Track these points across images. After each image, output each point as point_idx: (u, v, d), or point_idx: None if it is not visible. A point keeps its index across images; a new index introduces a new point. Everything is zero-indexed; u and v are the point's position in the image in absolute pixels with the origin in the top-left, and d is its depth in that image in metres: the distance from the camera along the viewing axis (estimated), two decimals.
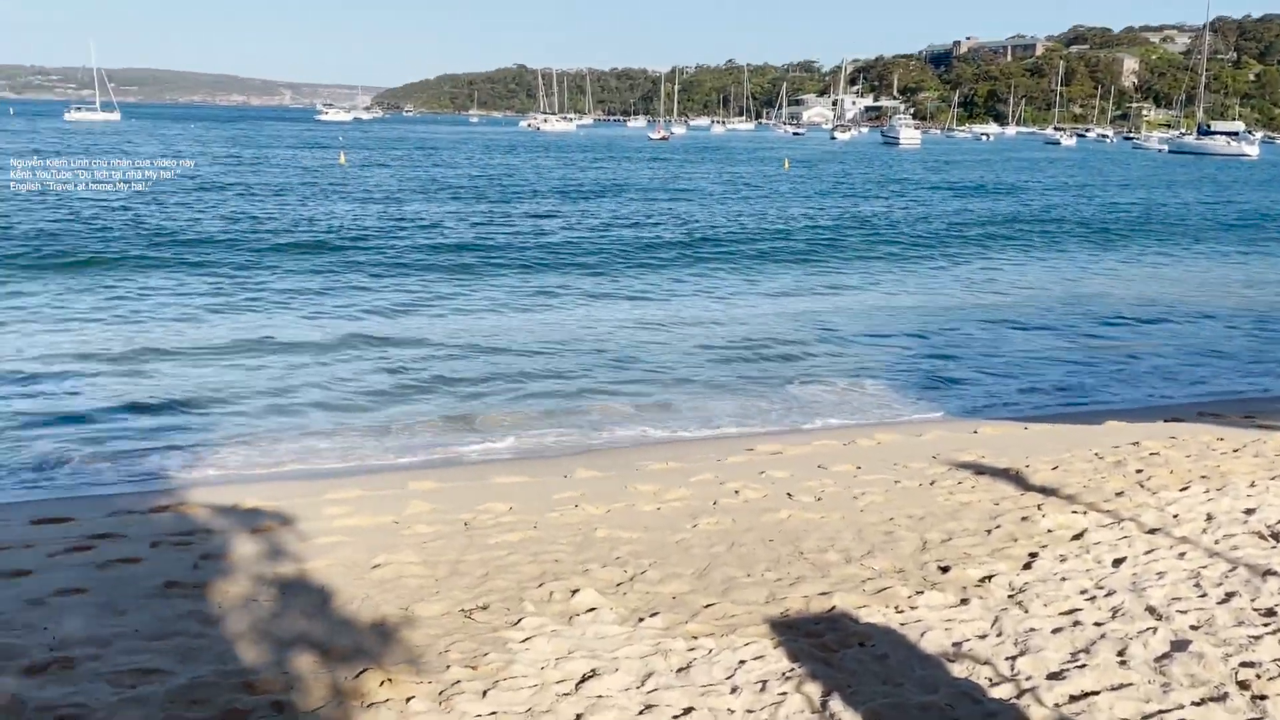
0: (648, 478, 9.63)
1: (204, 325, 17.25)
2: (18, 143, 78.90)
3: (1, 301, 18.63)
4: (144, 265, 23.01)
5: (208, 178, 49.81)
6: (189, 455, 10.88)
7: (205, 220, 31.91)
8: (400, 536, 7.78)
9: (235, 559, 7.24)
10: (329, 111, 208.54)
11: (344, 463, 10.75)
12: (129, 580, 6.69)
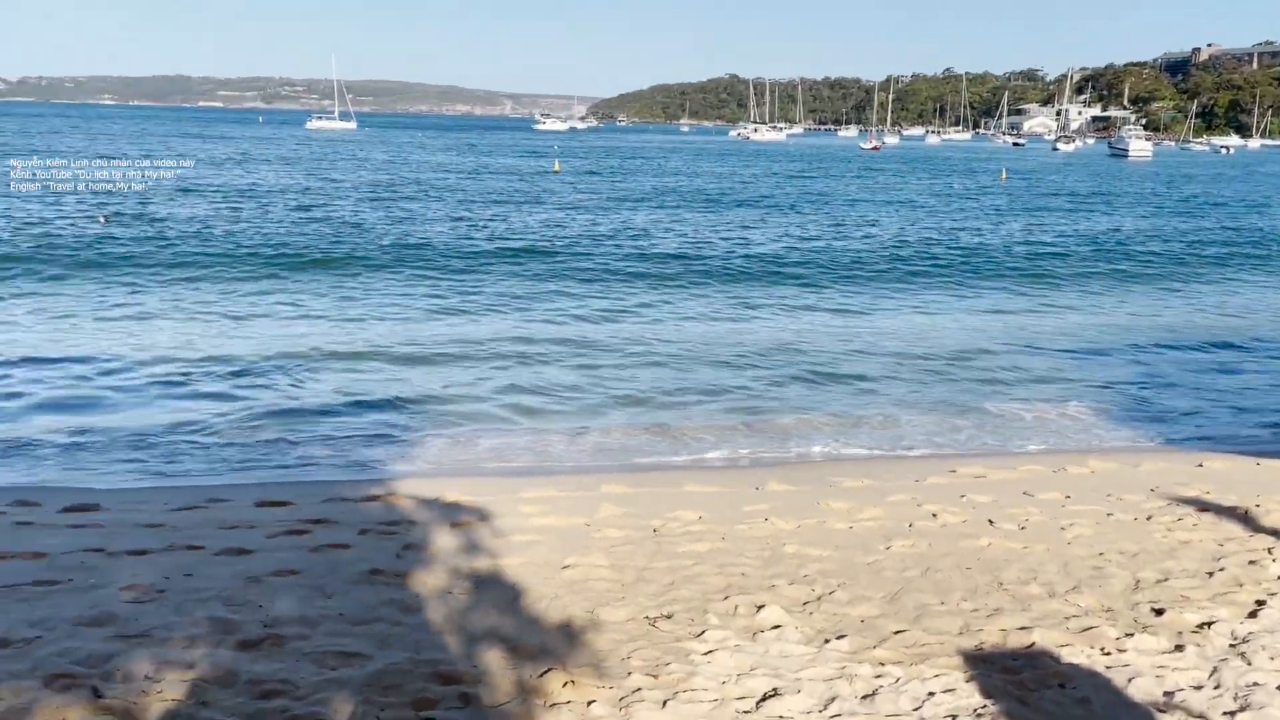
0: (841, 495, 9.42)
1: (421, 326, 18.13)
2: (265, 150, 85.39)
3: (242, 299, 20.20)
4: (370, 267, 24.42)
5: (431, 183, 52.48)
6: (399, 448, 11.43)
7: (428, 225, 33.59)
8: (591, 539, 7.90)
9: (435, 551, 7.53)
10: (546, 121, 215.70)
11: (540, 462, 11.03)
12: (338, 565, 7.07)
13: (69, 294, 20.01)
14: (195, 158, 65.93)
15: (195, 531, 7.84)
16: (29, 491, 9.19)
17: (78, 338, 16.28)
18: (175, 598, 6.31)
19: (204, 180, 50.78)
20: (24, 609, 6.08)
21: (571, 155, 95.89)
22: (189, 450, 11.20)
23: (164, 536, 7.65)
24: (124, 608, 6.13)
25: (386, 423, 12.34)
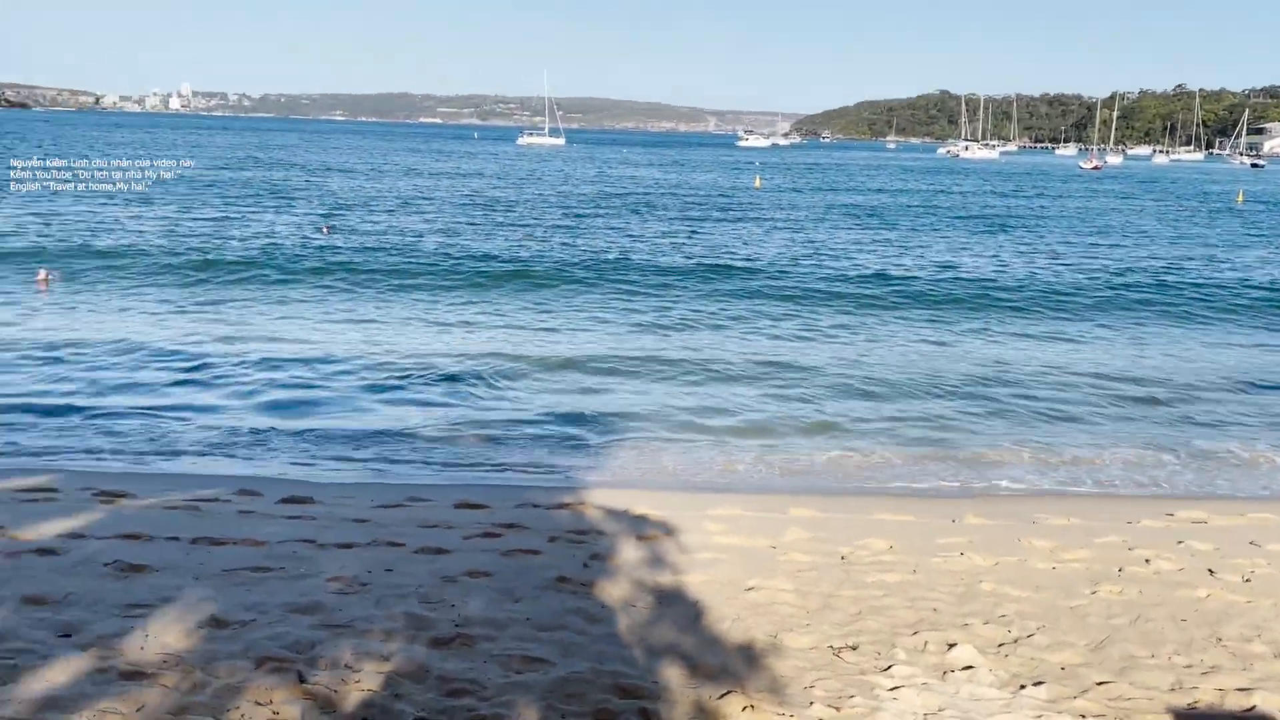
0: (1044, 533, 8.95)
1: (616, 339, 18.44)
2: (478, 164, 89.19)
3: (449, 307, 21.15)
4: (570, 280, 25.06)
5: (632, 198, 53.44)
6: (590, 458, 11.64)
7: (628, 240, 34.23)
8: (776, 562, 7.80)
9: (620, 562, 7.61)
10: (748, 137, 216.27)
11: (727, 480, 10.99)
12: (527, 570, 7.25)
13: (296, 298, 21.44)
14: (392, 168, 69.36)
15: (397, 528, 8.21)
16: (252, 482, 9.87)
17: (303, 339, 17.41)
18: (376, 591, 6.62)
19: (420, 193, 53.49)
20: (241, 592, 6.52)
21: (773, 171, 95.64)
22: (395, 450, 11.76)
23: (369, 531, 8.05)
24: (330, 598, 6.48)
25: (578, 432, 12.60)
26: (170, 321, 18.66)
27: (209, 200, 44.61)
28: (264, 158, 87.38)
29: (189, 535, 7.61)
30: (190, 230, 32.50)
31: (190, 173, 63.67)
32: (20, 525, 7.61)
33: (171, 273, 24.10)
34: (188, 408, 12.94)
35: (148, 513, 8.30)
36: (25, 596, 6.18)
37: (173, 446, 11.48)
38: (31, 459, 10.71)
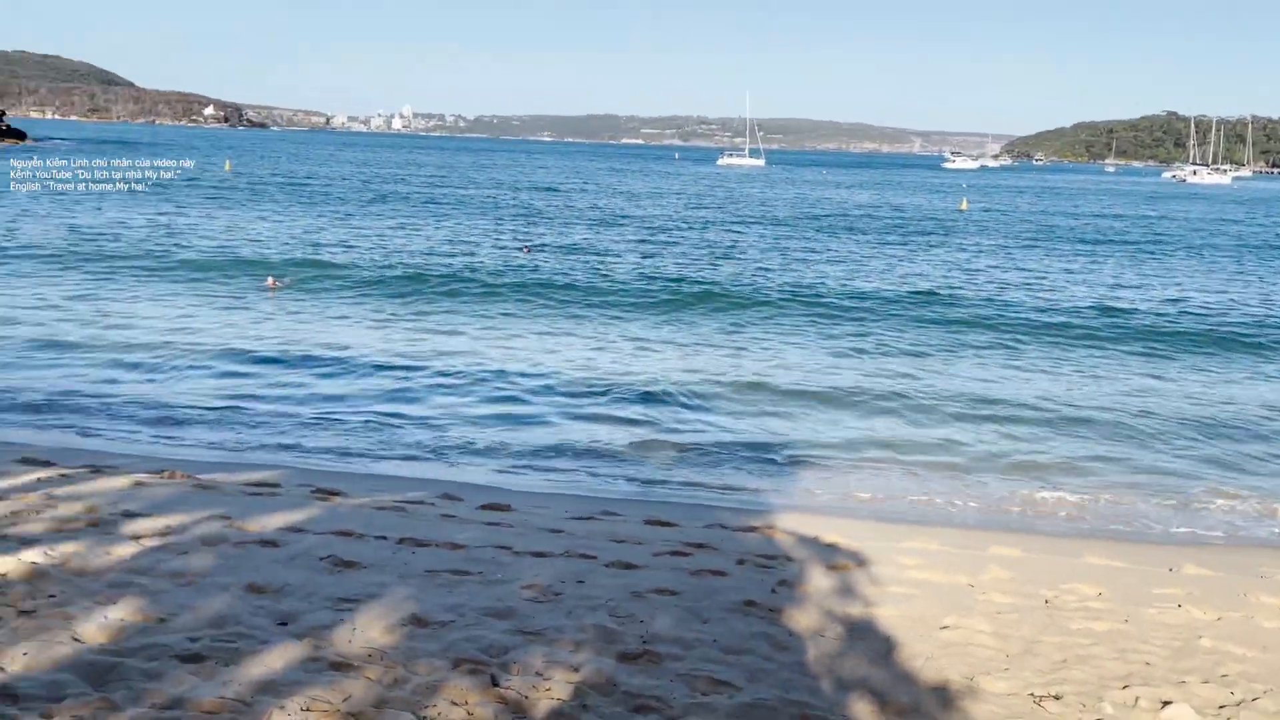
0: (1273, 588, 8.25)
1: (811, 364, 18.26)
2: (678, 184, 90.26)
3: (645, 327, 21.47)
4: (766, 303, 24.99)
5: (830, 220, 52.85)
6: (779, 481, 11.54)
7: (825, 263, 33.89)
8: (974, 600, 7.50)
9: (809, 590, 7.49)
10: (955, 159, 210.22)
11: (922, 513, 10.65)
12: (715, 591, 7.24)
13: (497, 314, 22.25)
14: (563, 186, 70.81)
15: (590, 541, 8.36)
16: (454, 487, 10.28)
17: (503, 353, 18.07)
18: (568, 602, 6.76)
19: (619, 212, 54.60)
20: (441, 594, 6.79)
21: (980, 194, 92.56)
22: (589, 463, 12.01)
23: (562, 542, 8.23)
24: (524, 605, 6.66)
25: (768, 455, 12.52)
26: (383, 330, 19.75)
27: (420, 216, 46.98)
28: (478, 177, 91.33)
29: (395, 535, 7.98)
30: (400, 246, 34.32)
31: (406, 190, 67.31)
32: (246, 517, 8.18)
33: (383, 285, 25.49)
34: (398, 415, 13.61)
35: (359, 511, 8.76)
36: (249, 585, 6.63)
37: (383, 449, 12.10)
38: (259, 454, 11.52)
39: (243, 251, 30.82)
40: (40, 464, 9.68)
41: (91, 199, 48.06)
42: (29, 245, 30.29)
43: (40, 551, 6.91)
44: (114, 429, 12.43)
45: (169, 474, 9.63)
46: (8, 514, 7.78)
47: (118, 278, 25.07)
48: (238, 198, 55.54)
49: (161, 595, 6.34)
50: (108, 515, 7.94)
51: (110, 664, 5.34)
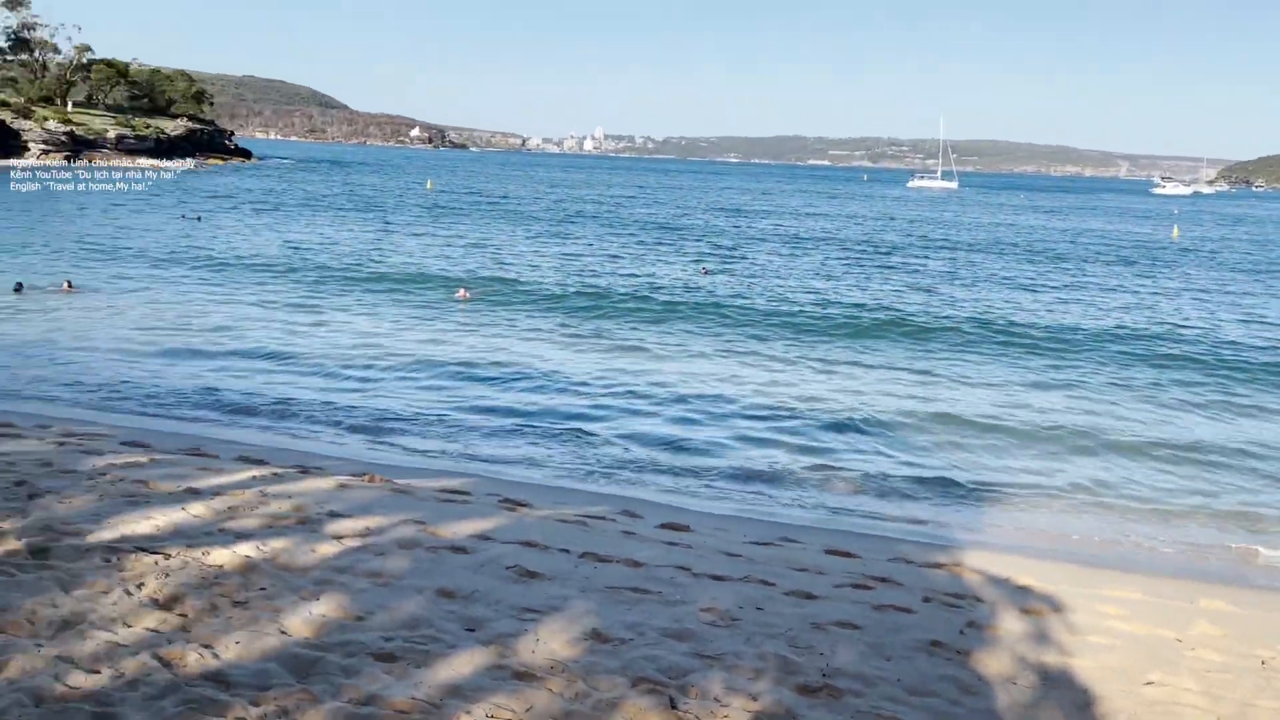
0: None
1: (1000, 398, 17.55)
2: (865, 207, 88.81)
3: (824, 354, 21.18)
4: (951, 333, 24.23)
5: (1025, 247, 50.80)
6: (967, 516, 11.13)
7: (1015, 292, 32.61)
8: (1181, 656, 7.01)
9: (1000, 634, 7.18)
10: (1165, 185, 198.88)
11: (1122, 558, 10.05)
12: (899, 628, 7.03)
13: (674, 335, 22.39)
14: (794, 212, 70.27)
15: (768, 567, 8.28)
16: (634, 504, 10.39)
17: (681, 374, 18.19)
18: (747, 628, 6.70)
19: (803, 235, 54.16)
20: (621, 610, 6.85)
21: (1193, 222, 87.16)
22: (767, 488, 11.90)
23: (741, 567, 8.18)
24: (702, 628, 6.64)
25: (955, 489, 12.09)
26: (567, 346, 20.22)
27: (605, 236, 47.93)
28: (663, 197, 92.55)
29: (578, 549, 8.12)
30: (586, 264, 35.10)
31: (594, 210, 68.83)
32: (438, 523, 8.50)
33: (567, 301, 26.11)
34: (580, 430, 13.87)
35: (543, 524, 8.96)
36: (440, 589, 6.88)
37: (566, 463, 12.36)
38: (451, 462, 11.96)
39: (438, 265, 32.26)
40: (255, 462, 10.35)
41: (304, 216, 51.27)
42: (249, 258, 32.60)
43: (253, 546, 7.37)
44: (319, 432, 13.18)
45: (369, 477, 10.10)
46: (226, 509, 8.34)
47: (327, 290, 26.61)
48: (436, 215, 58.12)
49: (360, 594, 6.65)
50: (314, 514, 8.39)
51: (313, 658, 5.64)
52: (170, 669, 5.41)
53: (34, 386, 14.99)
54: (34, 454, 9.76)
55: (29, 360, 16.81)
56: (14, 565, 6.66)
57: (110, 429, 11.98)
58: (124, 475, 9.18)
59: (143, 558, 6.97)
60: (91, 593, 6.32)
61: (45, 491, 8.36)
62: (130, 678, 5.27)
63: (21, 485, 8.50)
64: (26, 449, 9.98)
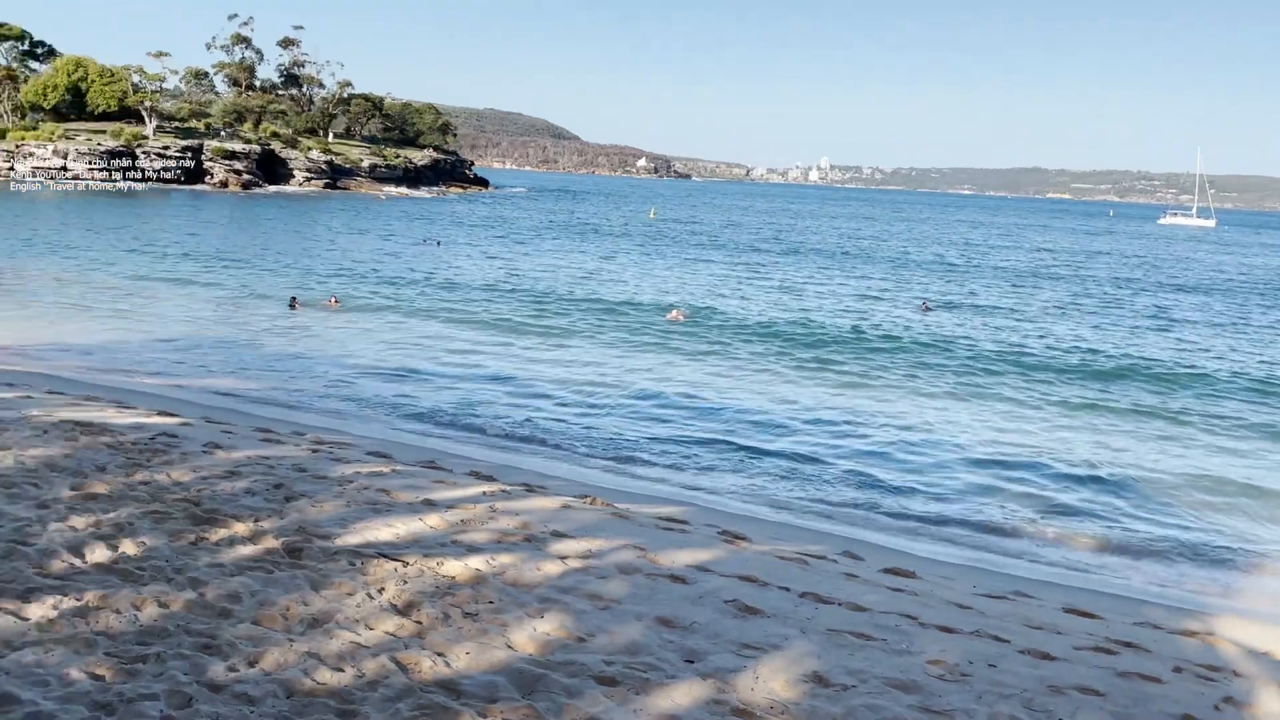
0: None
1: (1256, 459, 16.11)
2: (1109, 244, 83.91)
3: (1070, 401, 20.05)
4: (1203, 380, 22.48)
5: None
6: (1224, 582, 10.26)
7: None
8: None
9: (1260, 714, 6.52)
10: None
11: None
12: (1146, 698, 6.50)
13: (894, 373, 21.77)
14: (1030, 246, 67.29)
15: (1001, 622, 7.86)
16: (855, 545, 10.13)
17: (902, 413, 17.68)
18: (978, 685, 6.37)
19: (1037, 272, 51.77)
20: (843, 654, 6.66)
21: None
22: (1000, 538, 11.37)
23: (971, 620, 7.80)
24: (929, 680, 6.36)
25: (1210, 551, 11.19)
26: (787, 381, 20.14)
27: (828, 268, 47.39)
28: (890, 230, 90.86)
29: (798, 588, 7.97)
30: (805, 297, 34.80)
31: (816, 241, 68.30)
32: (658, 550, 8.55)
33: (785, 334, 25.95)
34: (797, 468, 13.71)
35: (762, 559, 8.86)
36: (659, 617, 6.90)
37: (786, 498, 12.23)
38: (669, 489, 12.07)
39: (654, 291, 32.81)
40: (485, 478, 10.76)
41: (533, 242, 53.40)
42: (482, 281, 34.23)
43: (483, 559, 7.64)
44: (542, 452, 13.60)
45: (591, 499, 10.31)
46: (459, 521, 8.69)
47: (551, 313, 27.58)
48: (657, 242, 59.23)
49: (582, 615, 6.75)
50: (539, 533, 8.63)
51: (537, 675, 5.76)
52: (406, 673, 5.65)
53: (294, 395, 16.21)
54: (291, 459, 10.50)
55: (293, 370, 18.24)
56: (271, 562, 7.16)
57: (356, 439, 12.77)
58: (368, 484, 9.74)
59: (384, 563, 7.35)
60: (338, 593, 6.71)
61: (300, 495, 8.97)
62: (370, 678, 5.54)
63: (280, 488, 9.16)
64: (284, 454, 10.76)
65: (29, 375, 14.78)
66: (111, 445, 10.07)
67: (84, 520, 7.62)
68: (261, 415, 13.88)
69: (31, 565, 6.62)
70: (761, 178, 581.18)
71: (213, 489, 8.89)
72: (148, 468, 9.37)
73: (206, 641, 5.78)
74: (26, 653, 5.40)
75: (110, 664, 5.38)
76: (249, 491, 8.94)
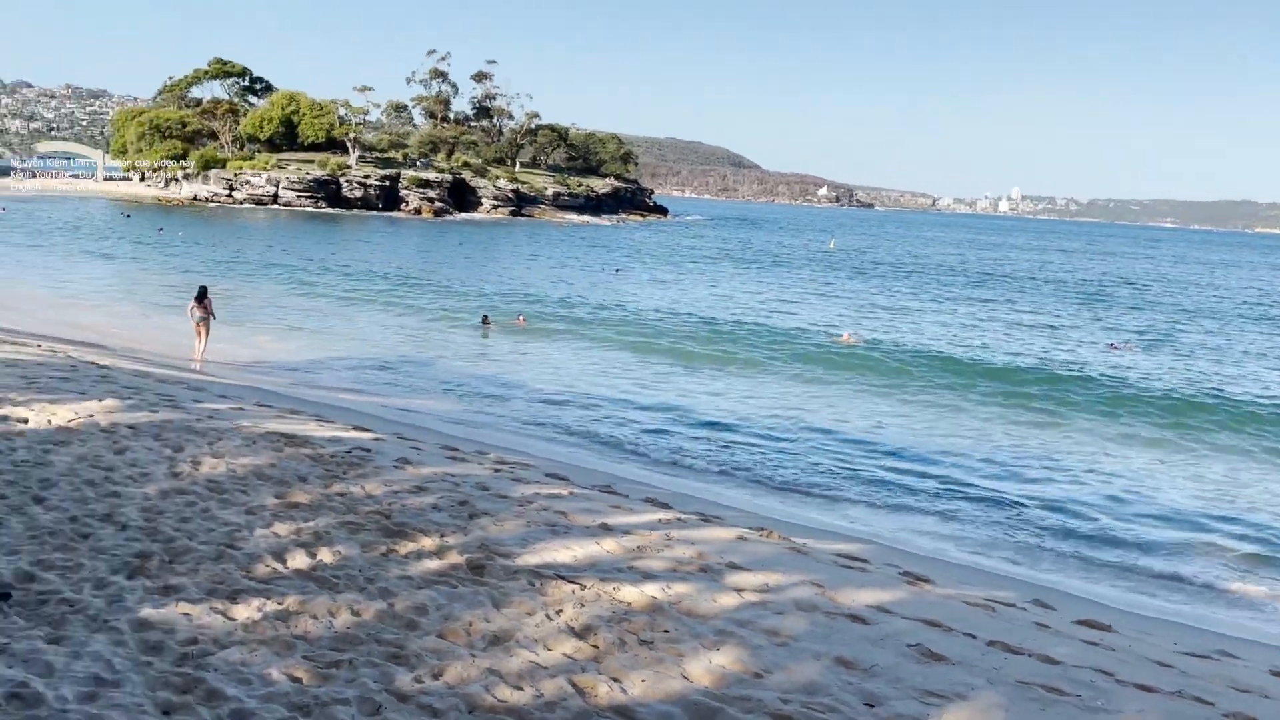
0: None
1: None
2: None
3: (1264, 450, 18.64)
4: None
5: None
6: None
7: None
8: None
9: None
10: None
11: None
12: None
13: (1092, 416, 20.64)
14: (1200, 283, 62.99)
15: (1205, 684, 7.31)
16: (1047, 593, 9.64)
17: (1104, 461, 16.79)
18: None
19: (1248, 310, 48.45)
20: (1033, 709, 6.32)
21: None
22: (1203, 592, 10.65)
23: (1172, 679, 7.29)
24: None
25: None
26: (969, 413, 19.50)
27: (1014, 301, 45.69)
28: (1087, 265, 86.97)
29: (985, 636, 7.63)
30: (984, 333, 33.60)
31: (1005, 273, 66.00)
32: (837, 588, 8.35)
33: (964, 369, 25.08)
34: (987, 509, 13.17)
35: (947, 603, 8.53)
36: (838, 657, 6.72)
37: (971, 541, 11.79)
38: (848, 525, 11.82)
39: (828, 322, 32.34)
40: (661, 505, 10.79)
41: (707, 271, 53.69)
42: (655, 310, 34.57)
43: (659, 587, 7.64)
44: (717, 480, 13.57)
45: (766, 533, 10.18)
46: (635, 547, 8.74)
47: (725, 343, 27.59)
48: (837, 274, 58.51)
49: (759, 650, 6.65)
50: (714, 563, 8.57)
51: (713, 708, 5.69)
52: (583, 696, 5.69)
53: (478, 415, 16.75)
54: (474, 477, 10.82)
55: (477, 390, 18.89)
56: (456, 577, 7.37)
57: (536, 459, 13.05)
58: (547, 505, 9.92)
59: (562, 585, 7.45)
60: (518, 612, 6.83)
61: (483, 513, 9.22)
62: (549, 699, 5.61)
63: (464, 505, 9.43)
64: (469, 472, 11.09)
65: (241, 388, 15.77)
66: (312, 457, 10.61)
67: (286, 528, 8.04)
68: (447, 433, 14.37)
69: (239, 568, 7.03)
70: (948, 208, 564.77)
71: (402, 503, 9.23)
72: (344, 480, 9.83)
73: (395, 651, 5.99)
74: (233, 651, 5.72)
75: (307, 667, 5.63)
76: (435, 507, 9.24)
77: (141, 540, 7.33)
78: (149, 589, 6.46)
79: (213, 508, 8.36)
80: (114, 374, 14.61)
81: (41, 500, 8.00)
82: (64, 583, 6.40)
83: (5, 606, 5.88)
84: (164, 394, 13.42)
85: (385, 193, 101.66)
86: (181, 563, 6.99)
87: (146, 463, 9.52)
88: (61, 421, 10.74)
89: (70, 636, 5.64)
